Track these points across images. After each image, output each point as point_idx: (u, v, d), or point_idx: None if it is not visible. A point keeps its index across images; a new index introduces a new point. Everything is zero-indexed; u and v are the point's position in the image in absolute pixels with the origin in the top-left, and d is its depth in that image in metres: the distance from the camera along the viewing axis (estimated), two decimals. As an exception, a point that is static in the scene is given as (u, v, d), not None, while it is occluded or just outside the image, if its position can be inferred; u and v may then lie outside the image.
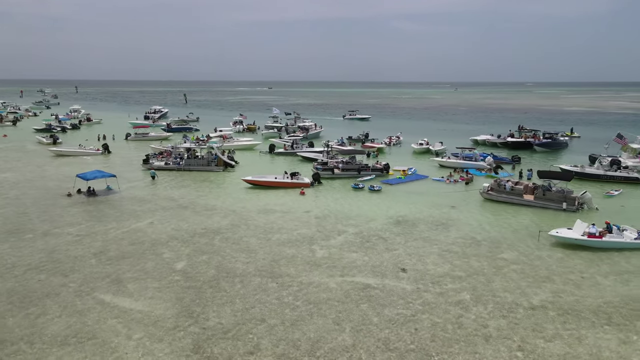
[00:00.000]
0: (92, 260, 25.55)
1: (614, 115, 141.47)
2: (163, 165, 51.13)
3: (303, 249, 27.37)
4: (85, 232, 30.24)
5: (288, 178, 43.32)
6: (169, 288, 22.18)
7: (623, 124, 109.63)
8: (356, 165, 47.87)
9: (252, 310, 20.01)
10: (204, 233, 30.09)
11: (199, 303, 20.67)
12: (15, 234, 29.77)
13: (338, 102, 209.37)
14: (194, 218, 33.35)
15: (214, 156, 51.33)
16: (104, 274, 23.73)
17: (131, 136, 76.65)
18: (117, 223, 32.07)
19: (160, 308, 20.26)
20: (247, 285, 22.40)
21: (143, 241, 28.50)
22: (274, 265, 24.83)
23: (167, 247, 27.50)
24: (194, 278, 23.24)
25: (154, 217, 33.37)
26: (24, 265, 24.67)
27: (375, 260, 25.60)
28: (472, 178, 45.71)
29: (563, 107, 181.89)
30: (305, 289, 22.00)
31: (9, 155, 60.18)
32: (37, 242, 28.34)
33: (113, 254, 26.46)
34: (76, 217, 33.40)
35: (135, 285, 22.41)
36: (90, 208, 35.91)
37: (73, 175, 47.20)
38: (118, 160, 57.41)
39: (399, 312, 19.82)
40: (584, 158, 57.44)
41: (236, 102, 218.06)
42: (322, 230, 30.71)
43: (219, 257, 26.06)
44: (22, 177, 46.70)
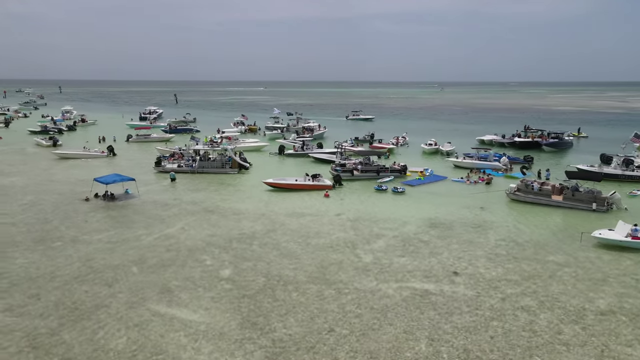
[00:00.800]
0: (133, 268, 24.63)
1: (606, 114, 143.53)
2: (176, 167, 50.01)
3: (347, 253, 26.80)
4: (116, 239, 29.23)
5: (309, 180, 42.68)
6: (223, 297, 21.42)
7: (619, 124, 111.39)
8: (375, 167, 47.43)
9: (317, 320, 19.40)
10: (240, 238, 29.31)
11: (259, 313, 19.97)
12: (43, 242, 28.61)
13: (330, 102, 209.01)
14: (225, 223, 32.52)
15: (228, 158, 50.38)
16: (150, 283, 22.85)
17: (132, 138, 75.07)
18: (147, 229, 31.10)
19: (221, 319, 19.51)
20: (303, 293, 21.76)
21: (180, 248, 27.63)
22: (323, 272, 24.23)
23: (207, 254, 26.69)
24: (245, 286, 22.51)
25: (183, 223, 32.45)
26: (63, 276, 23.64)
27: (425, 264, 25.17)
28: (492, 179, 45.63)
29: (555, 106, 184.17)
30: (365, 296, 21.45)
31: (10, 159, 58.37)
32: (68, 250, 27.26)
33: (153, 261, 25.57)
34: (102, 223, 32.31)
35: (187, 295, 21.60)
36: (113, 213, 34.81)
37: (83, 179, 46.26)
38: (126, 163, 56.06)
39: (467, 319, 19.39)
40: (592, 157, 57.88)
41: (228, 102, 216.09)
42: (360, 234, 30.18)
43: (264, 263, 25.34)
44: (31, 182, 45.21)
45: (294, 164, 56.36)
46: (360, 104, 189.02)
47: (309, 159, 59.00)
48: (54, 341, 17.91)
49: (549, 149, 65.29)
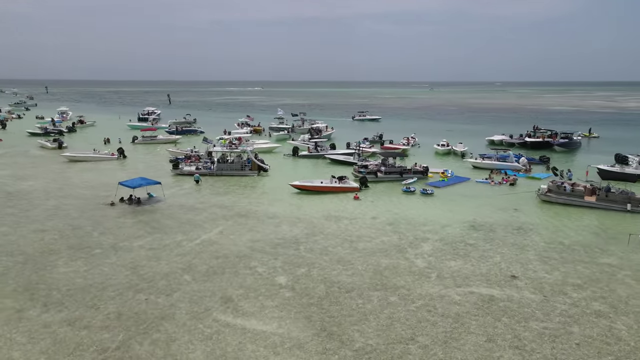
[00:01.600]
0: (185, 276, 23.90)
1: (600, 114, 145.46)
2: (194, 170, 49.11)
3: (398, 258, 26.38)
4: (156, 245, 28.43)
5: (336, 182, 42.17)
6: (287, 306, 20.84)
7: (615, 123, 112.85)
8: (398, 168, 47.10)
9: (393, 328, 18.95)
10: (284, 243, 28.71)
11: (331, 322, 19.45)
12: (82, 249, 27.68)
13: (325, 102, 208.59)
14: (263, 227, 31.87)
15: (247, 160, 49.62)
16: (207, 292, 22.16)
17: (138, 139, 73.75)
18: (184, 234, 30.31)
19: (294, 329, 18.94)
20: (368, 300, 21.29)
21: (226, 254, 26.94)
22: (381, 277, 23.77)
23: (256, 260, 26.04)
24: (307, 294, 21.95)
25: (220, 227, 31.73)
26: (115, 285, 22.83)
27: (481, 268, 24.87)
28: (517, 179, 45.64)
29: (548, 106, 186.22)
30: (432, 303, 21.05)
31: (18, 162, 56.84)
32: (110, 257, 26.40)
33: (203, 269, 24.86)
34: (136, 229, 31.41)
35: (250, 304, 20.98)
36: (144, 218, 33.91)
37: (101, 182, 45.27)
38: (139, 166, 54.94)
39: (545, 325, 19.10)
40: (604, 157, 58.38)
41: (222, 102, 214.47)
42: (404, 238, 29.78)
43: (318, 269, 24.80)
44: (49, 186, 43.97)
45: (310, 166, 55.79)
46: (358, 104, 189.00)
47: (324, 160, 58.44)
48: (127, 356, 17.19)
49: (560, 149, 65.70)
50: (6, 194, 40.85)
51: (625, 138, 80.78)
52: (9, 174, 49.55)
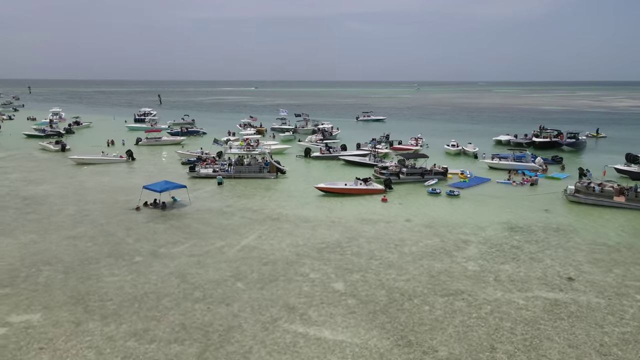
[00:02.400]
0: (239, 284, 23.21)
1: (591, 114, 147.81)
2: (211, 172, 48.18)
3: (448, 262, 26.07)
4: (196, 251, 27.63)
5: (361, 184, 41.73)
6: (354, 314, 20.33)
7: (607, 122, 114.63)
8: (420, 169, 46.89)
9: (470, 335, 18.58)
10: (327, 248, 28.16)
11: (405, 330, 19.00)
12: (121, 257, 26.75)
13: (314, 102, 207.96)
14: (300, 231, 31.27)
15: (265, 162, 48.88)
16: (267, 300, 21.52)
17: (142, 141, 72.29)
18: (222, 240, 29.55)
19: (370, 337, 18.44)
20: (435, 307, 20.90)
21: (272, 260, 26.29)
22: (438, 282, 23.41)
23: (305, 266, 25.46)
24: (370, 301, 21.47)
25: (256, 232, 31.02)
26: (169, 295, 22.03)
27: (535, 271, 24.68)
28: (538, 180, 45.79)
29: (539, 106, 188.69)
30: (500, 308, 20.74)
31: (24, 165, 55.15)
32: (154, 265, 25.55)
33: (254, 276, 24.18)
34: (170, 235, 30.53)
35: (315, 313, 20.41)
36: (175, 223, 33.00)
37: (117, 186, 44.24)
38: (151, 168, 53.77)
39: (623, 330, 18.95)
40: (612, 157, 59.18)
41: (214, 102, 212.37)
42: (446, 241, 29.49)
43: (372, 274, 24.33)
44: (65, 190, 42.64)
45: (324, 167, 55.24)
46: (349, 105, 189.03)
47: (338, 161, 57.96)
48: (206, 370, 16.51)
49: (568, 149, 66.36)
50: (22, 198, 39.48)
51: (631, 138, 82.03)
52: (19, 177, 48.00)
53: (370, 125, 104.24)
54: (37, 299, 21.60)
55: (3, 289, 22.65)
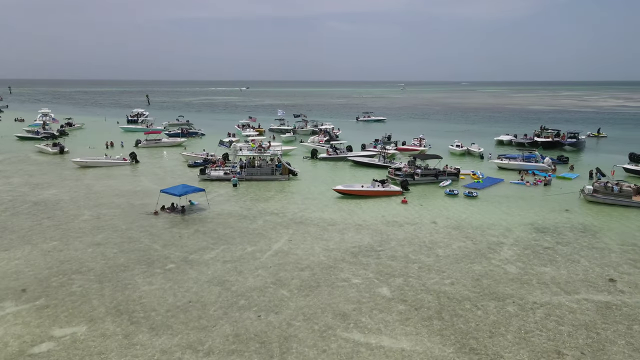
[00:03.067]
0: (282, 291, 22.68)
1: (580, 113, 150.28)
2: (222, 175, 47.40)
3: (486, 264, 25.89)
4: (229, 257, 26.96)
5: (379, 186, 41.43)
6: (408, 320, 19.98)
7: (596, 122, 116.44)
8: (433, 170, 46.81)
9: (532, 341, 18.37)
10: (362, 252, 27.76)
11: (465, 336, 18.71)
12: (152, 263, 25.97)
13: (306, 103, 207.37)
14: (329, 235, 30.82)
15: (277, 164, 48.25)
16: (315, 307, 21.03)
17: (142, 143, 70.91)
18: (252, 245, 28.93)
19: (432, 346, 18.10)
20: (488, 311, 20.67)
21: (309, 265, 25.79)
22: (483, 285, 23.20)
23: (344, 271, 25.02)
24: (420, 306, 21.13)
25: (285, 236, 30.47)
26: (212, 304, 21.38)
27: (577, 273, 24.65)
28: (552, 180, 46.06)
29: (528, 105, 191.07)
30: (553, 311, 20.60)
31: (24, 169, 53.52)
32: (189, 272, 24.83)
33: (295, 282, 23.66)
34: (197, 240, 29.78)
35: (369, 320, 19.99)
36: (199, 228, 32.24)
37: (128, 189, 43.26)
38: (158, 171, 52.68)
39: (680, 331, 18.98)
40: (614, 156, 60.05)
41: (202, 103, 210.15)
42: (477, 243, 29.34)
43: (414, 279, 24.02)
44: (74, 194, 41.44)
45: (333, 168, 54.84)
46: (336, 105, 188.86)
47: (345, 162, 57.63)
48: (272, 382, 15.98)
49: (570, 148, 67.11)
50: (32, 204, 38.23)
51: (631, 137, 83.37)
52: (22, 182, 46.54)
53: (370, 126, 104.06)
54: (77, 310, 20.77)
55: (37, 299, 21.75)
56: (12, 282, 23.49)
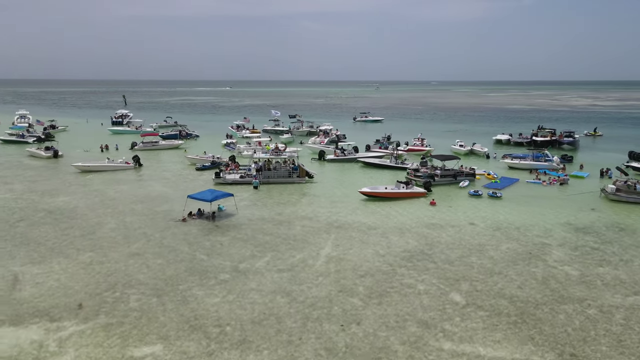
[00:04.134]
0: (353, 299, 21.98)
1: (558, 112, 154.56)
2: (238, 178, 46.13)
3: (542, 266, 25.85)
4: (281, 265, 26.02)
5: (404, 188, 41.12)
6: (493, 327, 19.62)
7: (578, 120, 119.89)
8: (453, 172, 46.84)
9: (628, 344, 18.29)
10: (413, 257, 27.27)
11: (560, 342, 18.46)
12: (203, 275, 24.76)
13: (287, 103, 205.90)
14: (373, 239, 30.22)
15: (294, 167, 47.31)
16: (395, 316, 20.43)
17: (138, 145, 68.52)
18: (299, 252, 28.07)
19: (531, 353, 17.77)
20: (570, 315, 20.51)
21: (368, 272, 25.13)
22: (551, 288, 23.09)
23: (406, 277, 24.49)
24: (499, 312, 20.81)
25: (329, 242, 29.68)
26: (287, 316, 20.49)
27: (635, 273, 24.87)
28: (569, 179, 46.73)
29: (506, 105, 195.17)
30: (632, 313, 20.63)
31: (23, 174, 50.74)
32: (248, 283, 23.78)
33: (361, 289, 23.00)
34: (240, 248, 28.68)
35: (455, 327, 19.53)
36: (237, 235, 31.09)
37: (143, 195, 41.73)
38: (166, 174, 50.85)
39: None
40: (612, 155, 61.79)
41: (180, 103, 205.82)
42: (524, 244, 29.31)
43: (480, 283, 23.71)
44: (88, 201, 39.40)
45: (344, 170, 54.22)
46: (316, 105, 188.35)
47: (354, 164, 57.13)
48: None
49: (568, 147, 68.61)
50: (47, 212, 36.17)
51: (625, 136, 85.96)
52: (25, 188, 44.06)
53: (368, 126, 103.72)
54: (146, 327, 19.53)
55: (96, 316, 20.38)
56: (63, 299, 21.98)
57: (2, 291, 22.83)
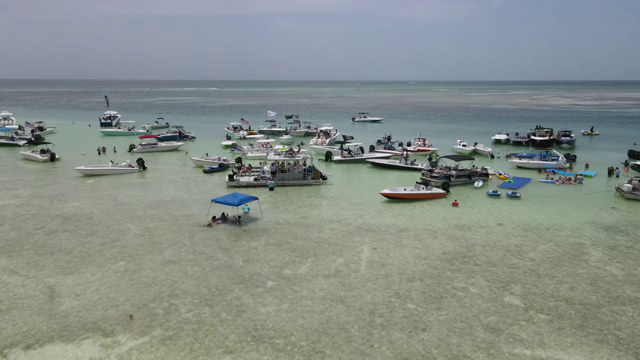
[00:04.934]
0: (410, 305, 21.55)
1: (542, 112, 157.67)
2: (252, 181, 45.27)
3: (585, 267, 25.91)
4: (325, 271, 25.37)
5: (424, 189, 40.95)
6: (560, 330, 19.45)
7: (562, 120, 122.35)
8: (467, 171, 46.94)
9: (696, 345, 18.38)
10: (454, 259, 27.01)
11: (630, 343, 18.40)
12: (248, 282, 23.93)
13: (271, 103, 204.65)
14: (408, 242, 29.86)
15: (309, 168, 46.66)
16: (459, 321, 20.06)
17: (136, 148, 66.74)
18: (339, 256, 27.47)
19: (605, 355, 17.66)
20: (632, 316, 20.52)
21: (416, 275, 24.75)
22: (603, 289, 23.13)
23: (455, 280, 24.17)
24: (561, 314, 20.68)
25: (366, 245, 29.22)
26: (348, 323, 19.91)
27: (677, 272, 25.20)
28: (582, 178, 47.28)
29: (491, 104, 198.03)
30: (690, 313, 20.81)
31: (24, 179, 48.74)
32: (298, 290, 23.03)
33: (415, 294, 22.60)
34: (277, 254, 27.89)
35: (522, 332, 19.27)
36: (269, 239, 30.30)
37: (158, 200, 40.67)
38: (175, 177, 49.53)
39: None
40: (606, 153, 63.23)
41: (162, 104, 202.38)
42: (559, 244, 29.38)
43: (530, 285, 23.58)
44: (102, 207, 37.95)
45: (353, 171, 53.79)
46: (302, 105, 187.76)
47: (362, 165, 56.80)
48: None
49: (567, 146, 69.74)
50: (63, 219, 34.72)
51: (622, 135, 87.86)
52: (31, 194, 42.31)
53: (367, 127, 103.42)
54: (207, 340, 18.69)
55: (151, 329, 19.45)
56: (110, 311, 20.94)
57: (42, 304, 21.67)
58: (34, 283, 23.88)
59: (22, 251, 28.26)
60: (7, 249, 28.55)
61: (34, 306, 21.49)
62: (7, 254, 27.81)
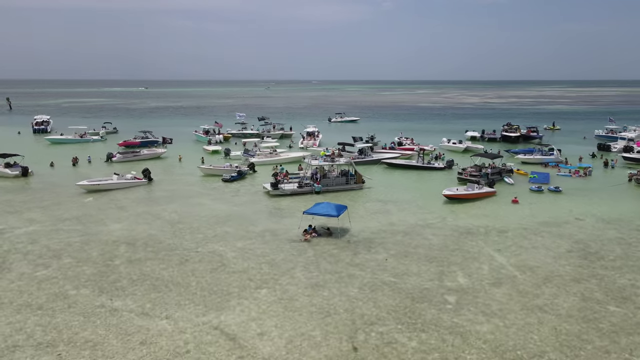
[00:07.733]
0: (610, 307, 21.52)
1: (473, 109, 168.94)
2: (296, 188, 42.49)
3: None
4: (484, 280, 24.51)
5: (478, 188, 41.49)
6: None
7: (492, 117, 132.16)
8: (497, 169, 48.44)
9: None
10: (579, 256, 27.52)
11: None
12: (421, 300, 22.32)
13: (194, 104, 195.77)
14: (520, 242, 29.95)
15: (350, 173, 44.93)
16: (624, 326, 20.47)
17: (116, 157, 59.46)
18: (473, 262, 26.70)
19: None
20: None
21: (574, 278, 24.83)
22: None
23: (612, 278, 24.70)
24: None
25: (488, 249, 28.74)
26: (546, 339, 19.37)
27: None
28: (592, 170, 51.10)
29: (418, 102, 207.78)
30: None
31: (16, 200, 40.82)
32: (512, 304, 21.97)
33: (600, 297, 22.64)
34: (408, 265, 26.25)
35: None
36: (381, 250, 28.50)
37: (208, 215, 37.06)
38: (199, 189, 44.76)
39: None
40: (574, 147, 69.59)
41: (69, 106, 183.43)
42: (637, 239, 31.23)
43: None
44: (158, 228, 32.84)
45: (373, 172, 52.68)
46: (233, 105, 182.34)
47: (379, 165, 56.14)
48: None
49: (537, 142, 75.19)
50: (127, 245, 29.64)
51: (576, 129, 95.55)
52: (48, 218, 35.39)
53: (345, 127, 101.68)
54: (469, 369, 16.98)
55: None
56: (322, 348, 18.13)
57: (230, 351, 18.17)
58: (190, 326, 20.00)
59: (125, 289, 23.58)
60: (106, 287, 23.65)
61: (224, 356, 17.94)
62: (108, 292, 23.08)
